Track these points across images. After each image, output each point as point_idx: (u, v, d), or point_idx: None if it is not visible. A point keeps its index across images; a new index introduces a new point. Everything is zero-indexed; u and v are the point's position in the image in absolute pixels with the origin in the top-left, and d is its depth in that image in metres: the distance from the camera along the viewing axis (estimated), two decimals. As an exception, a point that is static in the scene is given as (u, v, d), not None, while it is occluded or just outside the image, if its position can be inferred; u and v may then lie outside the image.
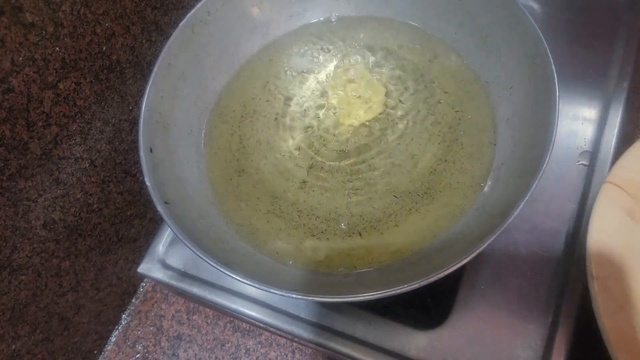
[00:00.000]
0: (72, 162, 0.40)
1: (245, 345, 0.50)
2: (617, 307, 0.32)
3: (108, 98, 0.42)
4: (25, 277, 0.38)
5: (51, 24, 0.34)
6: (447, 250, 0.34)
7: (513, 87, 0.38)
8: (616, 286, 0.33)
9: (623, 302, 0.33)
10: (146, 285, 0.55)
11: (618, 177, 0.37)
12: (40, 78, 0.34)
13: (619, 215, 0.36)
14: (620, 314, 0.32)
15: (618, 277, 0.33)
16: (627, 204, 0.36)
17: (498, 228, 0.29)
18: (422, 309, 0.41)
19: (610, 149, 0.41)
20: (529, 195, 0.29)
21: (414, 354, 0.36)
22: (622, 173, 0.37)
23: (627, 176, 0.37)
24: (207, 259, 0.30)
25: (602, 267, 0.34)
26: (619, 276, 0.33)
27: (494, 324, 0.37)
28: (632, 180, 0.37)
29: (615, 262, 0.34)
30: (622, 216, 0.36)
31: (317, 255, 0.36)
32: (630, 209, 0.36)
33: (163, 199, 0.33)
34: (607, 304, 0.32)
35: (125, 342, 0.53)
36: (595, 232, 0.35)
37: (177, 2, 0.48)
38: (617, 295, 0.33)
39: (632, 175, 0.37)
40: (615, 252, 0.34)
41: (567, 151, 0.42)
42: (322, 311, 0.39)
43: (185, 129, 0.40)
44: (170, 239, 0.44)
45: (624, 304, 0.32)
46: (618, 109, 0.43)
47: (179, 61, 0.39)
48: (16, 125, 0.34)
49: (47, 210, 0.38)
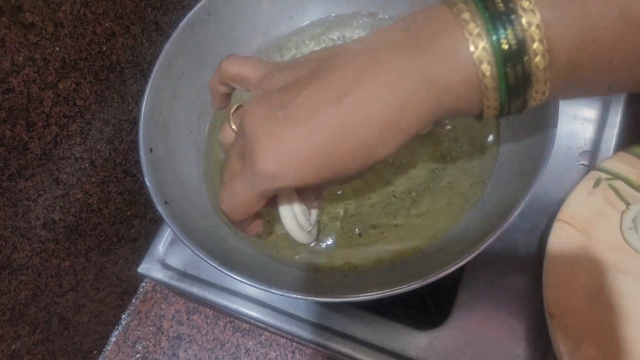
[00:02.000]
0: (72, 162, 0.40)
1: (245, 346, 0.50)
2: (576, 344, 0.33)
3: (108, 98, 0.42)
4: (25, 277, 0.38)
5: (51, 24, 0.34)
6: (447, 250, 0.34)
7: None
8: (574, 324, 0.33)
9: (582, 339, 0.33)
10: (146, 286, 0.55)
11: (567, 214, 0.37)
12: (40, 78, 0.34)
13: (572, 251, 0.36)
14: (579, 350, 0.32)
15: (575, 314, 0.34)
16: (579, 240, 0.36)
17: (498, 228, 0.29)
18: (422, 309, 0.41)
19: (610, 149, 0.41)
20: (529, 195, 0.29)
21: (414, 354, 0.36)
22: (570, 210, 0.38)
23: (575, 212, 0.37)
24: (207, 259, 0.30)
25: (559, 306, 0.34)
26: (575, 313, 0.34)
27: (494, 324, 0.37)
28: (579, 217, 0.37)
29: (571, 300, 0.34)
30: (576, 253, 0.36)
31: (317, 256, 0.36)
32: (583, 244, 0.36)
33: (163, 199, 0.33)
34: (566, 342, 0.33)
35: (125, 342, 0.53)
36: (550, 272, 0.35)
37: (177, 2, 0.48)
38: (575, 332, 0.33)
39: (580, 212, 0.37)
40: (570, 290, 0.35)
41: (567, 151, 0.42)
42: (322, 311, 0.39)
43: (185, 129, 0.40)
44: (170, 239, 0.44)
45: (582, 340, 0.33)
46: (618, 109, 0.43)
47: (179, 61, 0.39)
48: (16, 125, 0.34)
49: (47, 210, 0.38)
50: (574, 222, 0.37)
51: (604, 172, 0.39)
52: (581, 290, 0.35)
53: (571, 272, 0.35)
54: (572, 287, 0.35)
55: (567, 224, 0.37)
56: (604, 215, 0.37)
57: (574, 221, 0.37)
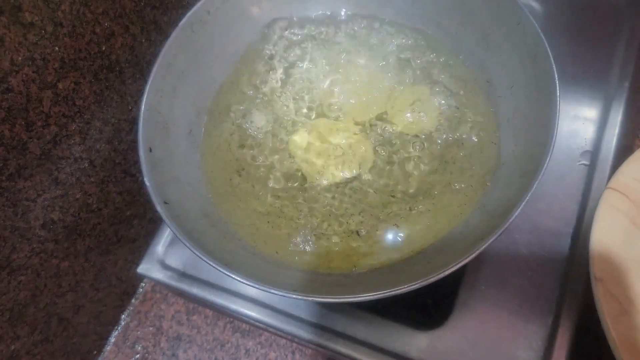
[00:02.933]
0: (72, 162, 0.40)
1: (245, 346, 0.50)
2: (622, 310, 0.32)
3: (107, 98, 0.42)
4: (25, 277, 0.38)
5: (50, 24, 0.34)
6: (447, 250, 0.34)
7: (514, 87, 0.38)
8: (619, 290, 0.33)
9: (627, 305, 0.33)
10: (146, 286, 0.55)
11: (620, 183, 0.37)
12: (39, 78, 0.34)
13: (620, 220, 0.36)
14: (625, 316, 0.32)
15: (621, 281, 0.33)
16: (629, 210, 0.36)
17: (499, 228, 0.29)
18: (422, 309, 0.41)
19: (611, 148, 0.41)
20: (530, 195, 0.29)
21: (415, 355, 0.36)
22: (624, 179, 0.37)
23: (629, 183, 0.37)
24: (207, 259, 0.30)
25: (606, 270, 0.34)
26: (622, 280, 0.34)
27: (494, 325, 0.36)
28: (633, 188, 0.37)
29: (618, 266, 0.34)
30: (624, 222, 0.36)
31: (317, 256, 0.36)
32: (632, 215, 0.36)
33: (162, 199, 0.33)
34: (611, 306, 0.32)
35: (125, 343, 0.52)
36: (598, 236, 0.35)
37: (177, 2, 0.48)
38: (621, 299, 0.33)
39: (633, 183, 0.37)
40: (618, 256, 0.34)
41: (568, 151, 0.42)
42: (322, 312, 0.38)
43: (184, 129, 0.40)
44: (169, 239, 0.44)
45: (628, 307, 0.32)
46: (619, 108, 0.42)
47: (179, 61, 0.39)
48: (15, 125, 0.33)
49: (46, 210, 0.38)
50: (626, 191, 0.37)
51: None
52: (628, 257, 0.34)
53: (618, 239, 0.35)
54: (619, 253, 0.34)
55: (618, 192, 0.37)
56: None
57: (626, 190, 0.37)
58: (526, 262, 0.38)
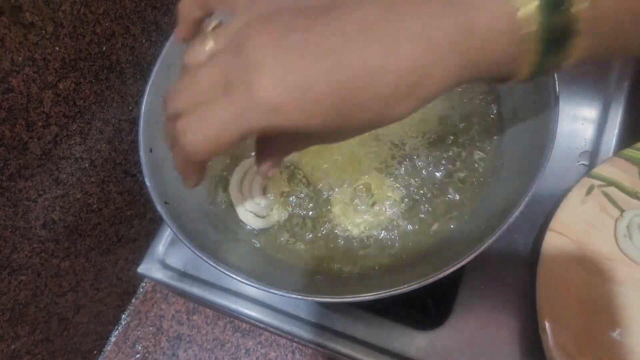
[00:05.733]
0: (72, 162, 0.40)
1: (245, 346, 0.50)
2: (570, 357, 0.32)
3: (108, 98, 0.42)
4: (25, 277, 0.38)
5: (51, 24, 0.34)
6: (447, 250, 0.34)
7: (513, 87, 0.38)
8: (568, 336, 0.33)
9: (576, 352, 0.32)
10: (146, 286, 0.55)
11: (560, 224, 0.36)
12: (40, 78, 0.34)
13: (565, 262, 0.35)
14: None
15: (569, 326, 0.33)
16: (572, 250, 0.35)
17: (498, 228, 0.29)
18: (422, 309, 0.41)
19: (611, 149, 0.41)
20: (529, 195, 0.29)
21: (414, 355, 0.36)
22: (563, 219, 0.37)
23: (568, 222, 0.36)
24: (207, 259, 0.30)
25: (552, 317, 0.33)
26: (570, 325, 0.33)
27: (494, 325, 0.36)
28: (573, 226, 0.36)
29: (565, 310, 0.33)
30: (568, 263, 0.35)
31: (318, 256, 0.36)
32: (576, 254, 0.35)
33: (163, 199, 0.33)
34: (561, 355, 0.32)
35: (125, 342, 0.53)
36: (543, 283, 0.35)
37: (178, 2, 0.48)
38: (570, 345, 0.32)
39: (573, 222, 0.36)
40: (564, 300, 0.34)
41: (568, 151, 0.42)
42: (322, 311, 0.38)
43: (185, 129, 0.40)
44: (170, 239, 0.44)
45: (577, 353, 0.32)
46: (618, 109, 0.43)
47: (179, 61, 0.39)
48: (16, 125, 0.33)
49: (46, 210, 0.38)
50: (567, 232, 0.36)
51: (596, 178, 0.38)
52: (575, 301, 0.34)
53: (564, 283, 0.34)
54: (566, 298, 0.34)
55: (560, 234, 0.36)
56: (597, 223, 0.36)
57: (567, 231, 0.36)
58: (525, 262, 0.38)
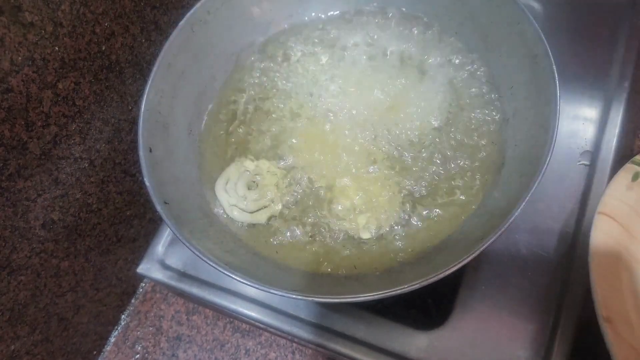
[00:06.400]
0: (71, 162, 0.40)
1: (245, 346, 0.50)
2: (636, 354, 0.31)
3: (107, 98, 0.42)
4: (25, 277, 0.38)
5: (50, 24, 0.34)
6: (447, 250, 0.34)
7: (514, 87, 0.38)
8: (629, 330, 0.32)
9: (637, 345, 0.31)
10: (145, 286, 0.55)
11: (608, 207, 0.36)
12: (39, 78, 0.34)
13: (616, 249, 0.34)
14: None
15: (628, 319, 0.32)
16: (622, 236, 0.35)
17: (499, 228, 0.29)
18: (422, 309, 0.41)
19: (612, 149, 0.41)
20: (530, 195, 0.29)
21: (415, 355, 0.36)
22: (611, 203, 0.36)
23: (616, 206, 0.36)
24: (207, 259, 0.30)
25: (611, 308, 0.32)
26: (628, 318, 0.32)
27: (494, 325, 0.36)
28: (620, 210, 0.35)
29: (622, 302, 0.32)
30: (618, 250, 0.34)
31: (318, 256, 0.36)
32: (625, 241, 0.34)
33: (162, 199, 0.33)
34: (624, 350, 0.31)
35: (125, 343, 0.52)
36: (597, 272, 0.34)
37: (177, 2, 0.47)
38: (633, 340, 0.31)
39: (620, 206, 0.35)
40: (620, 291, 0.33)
41: (568, 151, 0.42)
42: (322, 312, 0.38)
43: (184, 129, 0.40)
44: (169, 239, 0.44)
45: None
46: (619, 108, 0.42)
47: (179, 61, 0.39)
48: (15, 125, 0.33)
49: (46, 210, 0.38)
50: (616, 215, 0.35)
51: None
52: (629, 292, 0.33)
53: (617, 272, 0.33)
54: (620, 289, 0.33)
55: (609, 217, 0.35)
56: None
57: (616, 214, 0.35)
58: (526, 262, 0.38)
